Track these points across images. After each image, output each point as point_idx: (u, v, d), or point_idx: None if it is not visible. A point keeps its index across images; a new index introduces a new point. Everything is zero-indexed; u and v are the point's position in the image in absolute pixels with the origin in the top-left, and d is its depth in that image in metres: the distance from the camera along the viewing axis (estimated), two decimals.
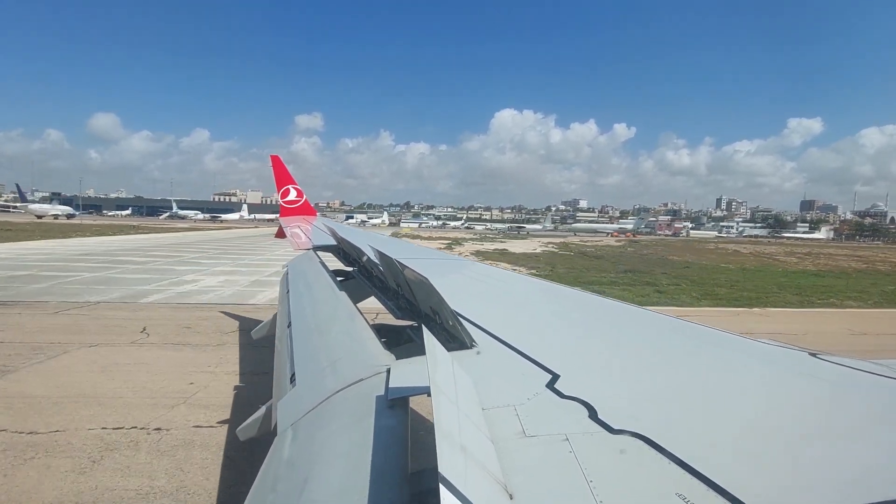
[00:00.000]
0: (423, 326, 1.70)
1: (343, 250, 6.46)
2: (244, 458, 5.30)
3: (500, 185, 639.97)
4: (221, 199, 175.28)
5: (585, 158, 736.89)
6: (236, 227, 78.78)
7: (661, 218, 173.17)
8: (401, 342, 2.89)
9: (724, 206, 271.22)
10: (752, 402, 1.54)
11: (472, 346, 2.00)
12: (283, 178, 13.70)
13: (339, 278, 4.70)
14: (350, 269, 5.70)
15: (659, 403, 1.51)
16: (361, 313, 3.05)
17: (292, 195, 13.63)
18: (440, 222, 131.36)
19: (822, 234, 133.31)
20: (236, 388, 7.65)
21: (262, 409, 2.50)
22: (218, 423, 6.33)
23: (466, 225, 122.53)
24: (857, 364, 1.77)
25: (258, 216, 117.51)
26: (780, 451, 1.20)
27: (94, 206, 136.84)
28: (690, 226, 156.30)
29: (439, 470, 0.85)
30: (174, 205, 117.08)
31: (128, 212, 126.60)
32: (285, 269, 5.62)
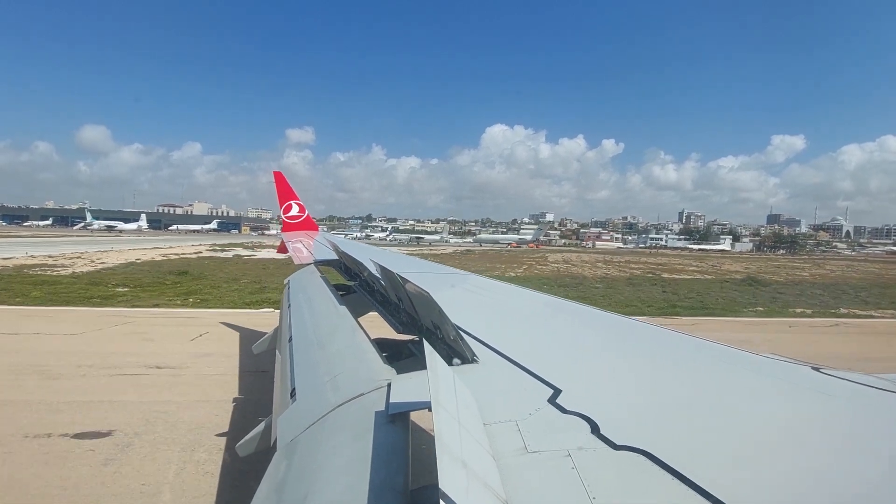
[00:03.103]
0: (424, 340, 1.70)
1: (344, 264, 6.46)
2: None
3: (490, 199, 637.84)
4: (165, 211, 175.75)
5: (574, 173, 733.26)
6: (89, 236, 72.69)
7: (591, 230, 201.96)
8: (402, 356, 2.87)
9: (684, 219, 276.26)
10: (756, 417, 1.52)
11: (473, 361, 1.99)
12: (285, 193, 13.70)
13: (340, 292, 4.69)
14: (351, 283, 5.70)
15: (662, 419, 1.50)
16: (362, 327, 3.04)
17: (294, 210, 13.62)
18: (363, 232, 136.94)
19: (727, 245, 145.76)
20: None
21: (262, 425, 2.48)
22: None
23: (392, 236, 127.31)
24: (860, 378, 1.76)
25: (181, 227, 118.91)
26: (785, 468, 1.18)
27: (20, 216, 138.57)
28: (624, 237, 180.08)
29: (440, 486, 0.84)
30: (88, 215, 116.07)
31: (48, 222, 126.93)
32: (287, 283, 5.62)
